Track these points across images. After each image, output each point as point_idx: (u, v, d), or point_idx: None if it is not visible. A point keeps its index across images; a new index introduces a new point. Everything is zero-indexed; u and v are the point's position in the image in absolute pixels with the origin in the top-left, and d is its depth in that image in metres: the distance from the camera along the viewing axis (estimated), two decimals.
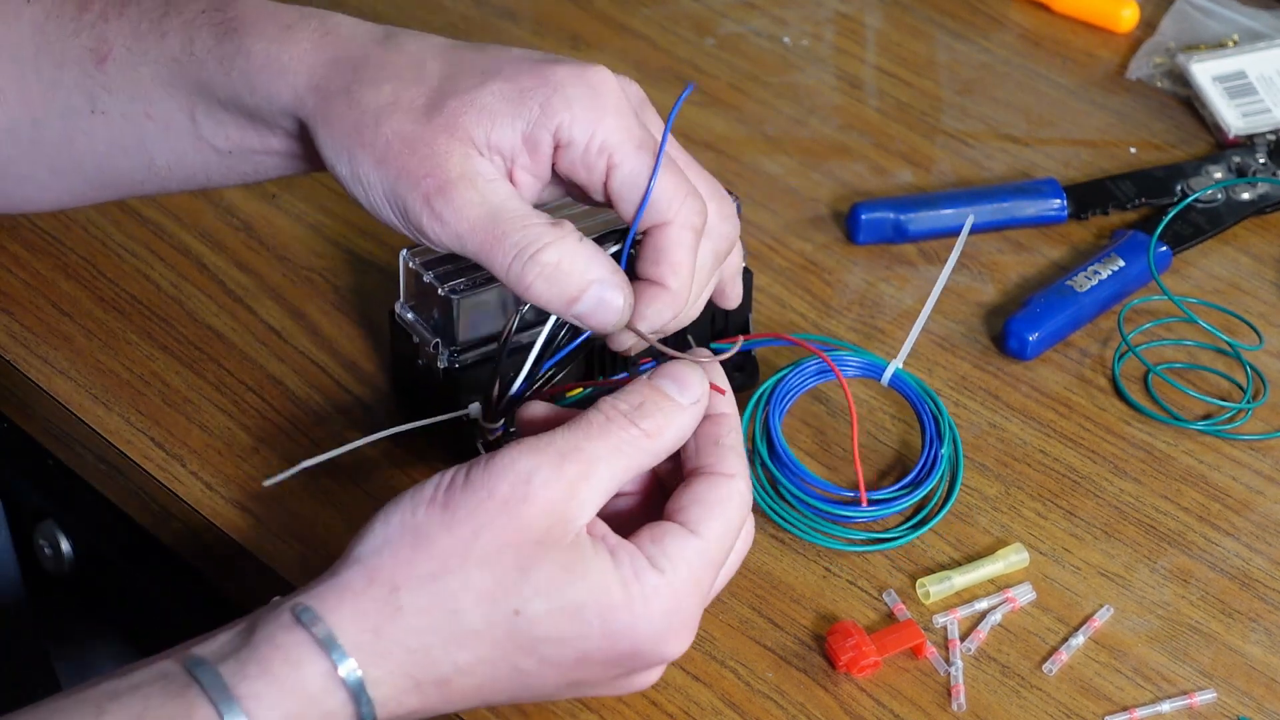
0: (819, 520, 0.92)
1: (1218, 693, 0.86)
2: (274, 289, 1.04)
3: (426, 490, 0.74)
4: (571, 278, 0.77)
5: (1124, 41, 1.25)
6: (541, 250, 0.77)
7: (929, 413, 0.94)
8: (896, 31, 1.26)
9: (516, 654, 0.74)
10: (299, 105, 0.82)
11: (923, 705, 0.85)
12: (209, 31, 0.85)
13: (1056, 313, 1.02)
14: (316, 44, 0.82)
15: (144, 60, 0.86)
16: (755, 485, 0.92)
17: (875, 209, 1.09)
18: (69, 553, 1.09)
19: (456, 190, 0.78)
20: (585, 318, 0.78)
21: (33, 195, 0.93)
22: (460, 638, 0.73)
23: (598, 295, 0.78)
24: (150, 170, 0.89)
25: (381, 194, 0.79)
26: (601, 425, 0.76)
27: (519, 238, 0.77)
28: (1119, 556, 0.92)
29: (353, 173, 0.80)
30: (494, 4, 1.26)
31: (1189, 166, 1.13)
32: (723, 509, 0.77)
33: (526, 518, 0.73)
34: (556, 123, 0.79)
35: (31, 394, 0.99)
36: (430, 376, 0.92)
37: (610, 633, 0.74)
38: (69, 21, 0.88)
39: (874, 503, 0.92)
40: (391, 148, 0.79)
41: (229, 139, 0.86)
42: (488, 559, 0.73)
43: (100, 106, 0.88)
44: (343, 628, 0.72)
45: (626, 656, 0.75)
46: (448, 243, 0.79)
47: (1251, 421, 0.99)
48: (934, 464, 0.93)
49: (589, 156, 0.79)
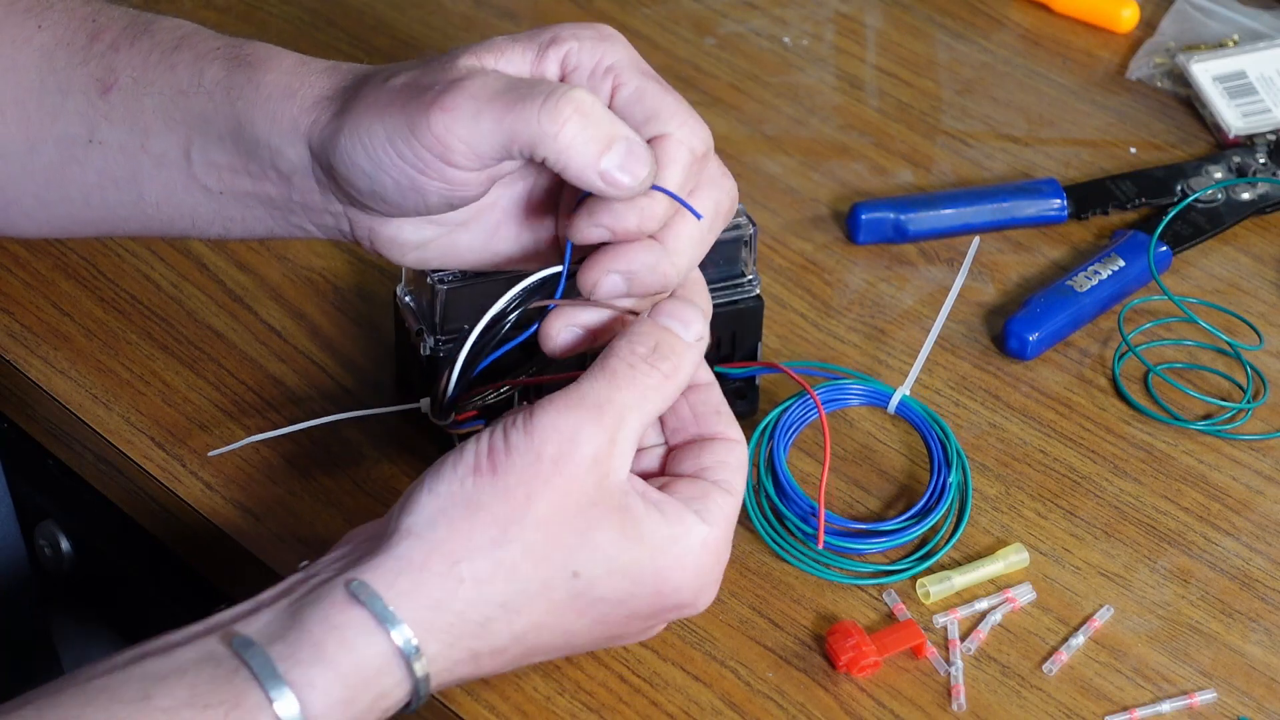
0: (826, 554, 0.91)
1: (1218, 693, 0.86)
2: (274, 289, 1.04)
3: (468, 458, 0.74)
4: (603, 122, 0.77)
5: (1124, 41, 1.25)
6: (572, 90, 0.76)
7: (936, 440, 0.94)
8: (896, 31, 1.26)
9: (570, 615, 0.74)
10: (303, 117, 0.82)
11: (923, 705, 0.85)
12: (221, 64, 0.85)
13: (1056, 313, 1.02)
14: (327, 75, 0.83)
15: (148, 92, 0.86)
16: (759, 517, 0.92)
17: (875, 209, 1.09)
18: (69, 553, 1.09)
19: (467, 81, 0.77)
20: (612, 172, 0.76)
21: (17, 221, 0.92)
22: (520, 604, 0.73)
23: (628, 146, 0.77)
24: (137, 207, 0.89)
25: (384, 133, 0.78)
26: (627, 374, 0.76)
27: (546, 85, 0.77)
28: (1119, 556, 0.92)
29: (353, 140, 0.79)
30: (494, 4, 1.26)
31: (1189, 166, 1.13)
32: (740, 470, 0.79)
33: (577, 476, 0.73)
34: (565, 50, 0.80)
35: (31, 394, 0.99)
36: (416, 363, 0.93)
37: (660, 590, 0.75)
38: (79, 50, 0.88)
39: (880, 534, 0.91)
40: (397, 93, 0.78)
41: (220, 179, 0.86)
42: (545, 522, 0.73)
43: (98, 136, 0.88)
44: (401, 604, 0.71)
45: (668, 609, 0.77)
46: (463, 134, 0.76)
47: (1251, 421, 0.99)
48: (942, 493, 0.93)
49: (595, 79, 0.80)
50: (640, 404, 0.75)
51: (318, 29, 1.23)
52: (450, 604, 0.72)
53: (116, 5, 0.90)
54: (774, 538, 0.91)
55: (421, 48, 1.22)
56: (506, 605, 0.73)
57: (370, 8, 1.25)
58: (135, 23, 0.88)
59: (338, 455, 0.95)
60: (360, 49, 1.22)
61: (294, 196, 0.84)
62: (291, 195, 0.84)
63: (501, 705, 0.85)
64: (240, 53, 0.85)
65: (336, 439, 0.96)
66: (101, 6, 0.89)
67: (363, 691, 0.70)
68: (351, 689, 0.70)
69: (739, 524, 0.91)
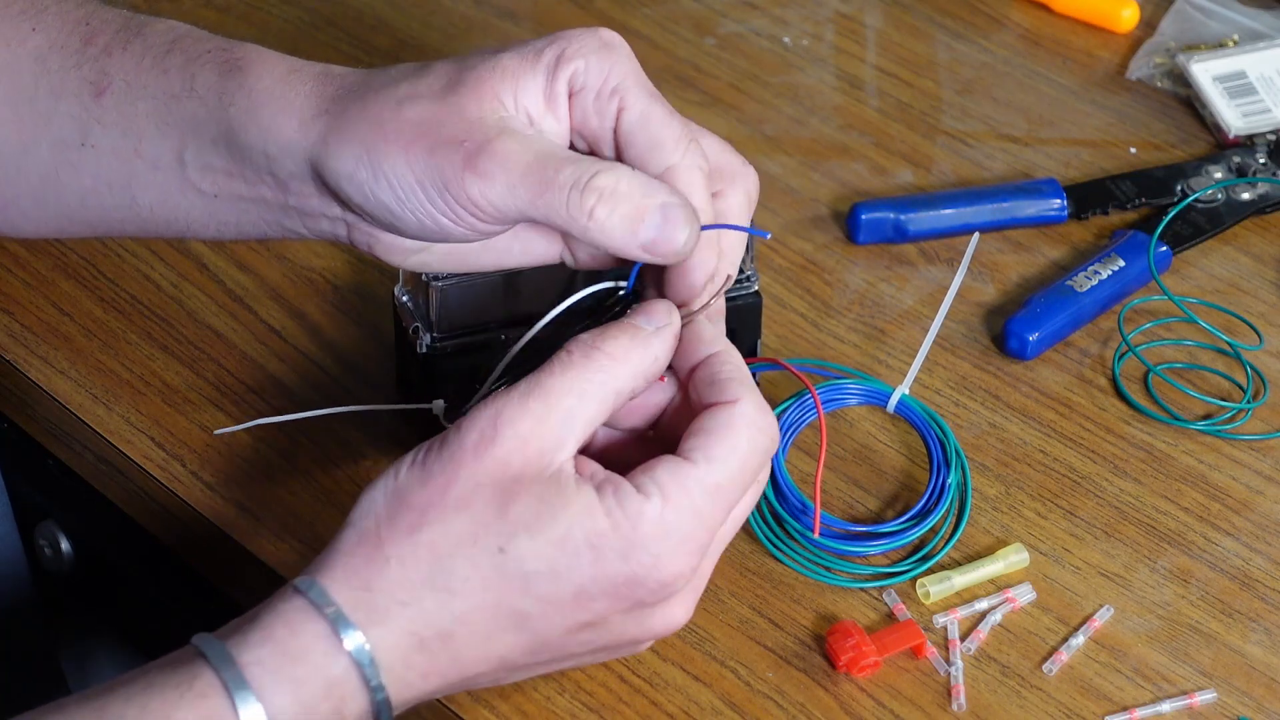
0: (825, 556, 0.91)
1: (1218, 693, 0.86)
2: (274, 289, 1.04)
3: (408, 457, 0.75)
4: (632, 198, 0.77)
5: (1124, 41, 1.25)
6: (597, 175, 0.77)
7: (935, 439, 0.94)
8: (896, 31, 1.26)
9: (512, 595, 0.73)
10: (303, 135, 0.81)
11: (923, 705, 0.85)
12: (213, 69, 0.85)
13: (1056, 313, 1.02)
14: (319, 84, 0.82)
15: (142, 95, 0.86)
16: (757, 519, 0.92)
17: (875, 209, 1.09)
18: (69, 553, 1.09)
19: (498, 144, 0.77)
20: (654, 245, 0.77)
21: (15, 221, 0.93)
22: (450, 585, 0.73)
23: (662, 215, 0.77)
24: (132, 210, 0.89)
25: (414, 179, 0.78)
26: (563, 360, 0.75)
27: (571, 170, 0.77)
28: (1119, 556, 0.92)
29: (375, 172, 0.79)
30: (494, 4, 1.26)
31: (1189, 166, 1.13)
32: (725, 434, 0.75)
33: (498, 456, 0.73)
34: (571, 69, 0.79)
35: (31, 394, 0.99)
36: (414, 360, 0.93)
37: (600, 559, 0.73)
38: (73, 54, 0.88)
39: (879, 536, 0.91)
40: (420, 129, 0.78)
41: (215, 183, 0.86)
42: (463, 501, 0.73)
43: (91, 140, 0.88)
44: (335, 588, 0.72)
45: (625, 586, 0.74)
46: (496, 201, 0.77)
47: (1251, 421, 0.99)
48: (941, 493, 0.92)
49: (601, 100, 0.79)
50: (579, 387, 0.75)
51: (318, 29, 1.23)
52: (379, 584, 0.73)
53: (110, 7, 0.90)
54: (772, 540, 0.91)
55: (421, 48, 1.22)
56: (436, 584, 0.73)
57: (370, 8, 1.25)
58: (128, 25, 0.88)
59: (337, 455, 0.95)
60: (360, 49, 1.22)
61: (290, 201, 0.84)
62: (288, 200, 0.84)
63: (502, 705, 0.85)
64: (232, 57, 0.85)
65: (335, 439, 0.96)
66: (95, 9, 0.89)
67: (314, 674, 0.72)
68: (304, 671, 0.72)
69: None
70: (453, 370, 0.92)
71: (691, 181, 0.79)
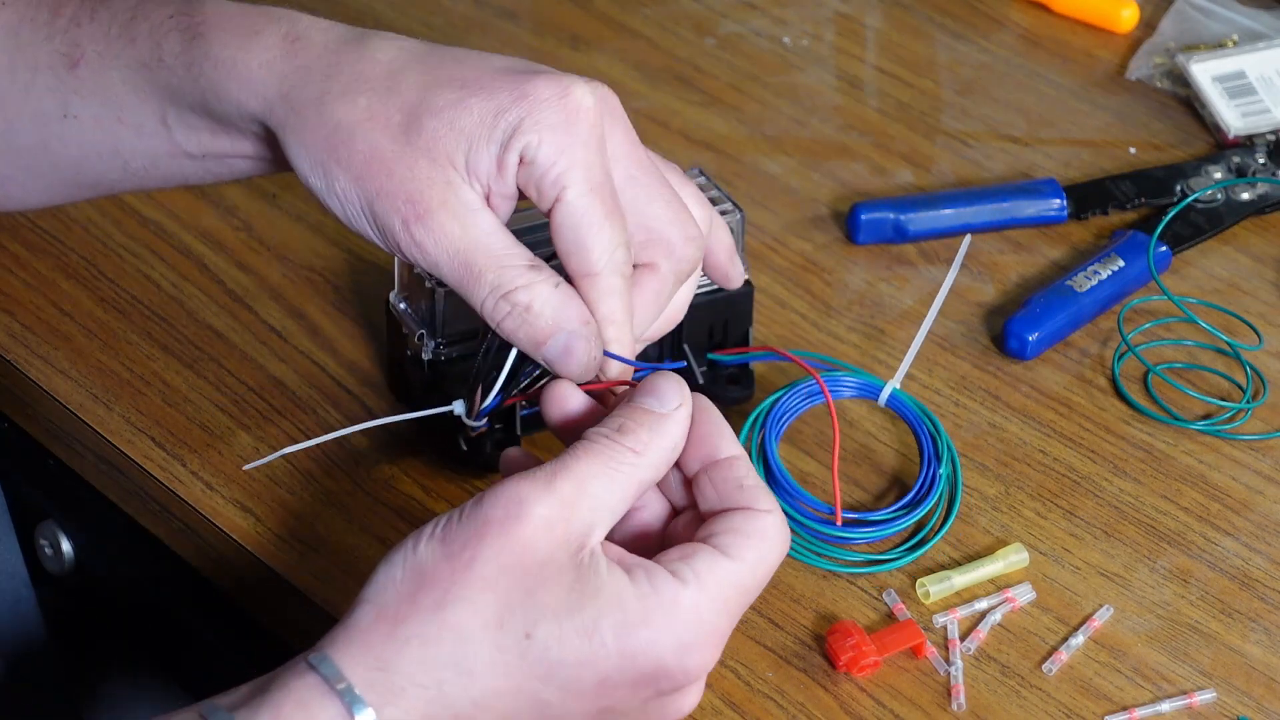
0: (815, 542, 0.91)
1: (1217, 692, 0.86)
2: (274, 289, 1.04)
3: (426, 530, 0.73)
4: (540, 321, 0.78)
5: (1124, 41, 1.25)
6: (514, 291, 0.78)
7: (927, 433, 0.94)
8: (896, 31, 1.26)
9: (534, 682, 0.71)
10: (268, 114, 0.81)
11: (923, 705, 0.85)
12: (176, 36, 0.84)
13: (1056, 313, 1.02)
14: (285, 51, 0.81)
15: (114, 65, 0.86)
16: None
17: (875, 209, 1.09)
18: (69, 553, 1.09)
19: (436, 219, 0.78)
20: (552, 363, 0.78)
21: (12, 194, 0.93)
22: (473, 668, 0.71)
23: (564, 343, 0.78)
24: (125, 172, 0.89)
25: (359, 209, 0.79)
26: (587, 447, 0.74)
27: (494, 276, 0.78)
28: (1119, 556, 0.92)
29: (328, 186, 0.80)
30: (494, 4, 1.26)
31: (1189, 166, 1.13)
32: (760, 539, 0.74)
33: (525, 538, 0.71)
34: (525, 142, 0.78)
35: (31, 394, 0.99)
36: (417, 368, 0.93)
37: (627, 651, 0.71)
38: (42, 26, 0.88)
39: (869, 524, 0.91)
40: (370, 167, 0.78)
41: (200, 144, 0.86)
42: (491, 582, 0.71)
43: (72, 111, 0.87)
44: (350, 666, 0.70)
45: (650, 676, 0.72)
46: (426, 268, 0.79)
47: (1251, 421, 0.99)
48: (932, 485, 0.93)
49: (544, 182, 0.78)
50: (606, 473, 0.73)
51: None
52: (397, 664, 0.70)
53: None
54: None
55: None
56: (458, 666, 0.71)
57: (370, 8, 1.25)
58: None
59: (337, 456, 0.95)
60: None
61: (276, 155, 0.84)
62: (274, 155, 0.85)
63: None
64: (192, 21, 0.84)
65: (335, 440, 0.96)
66: None
67: None
68: None
69: None
70: (458, 375, 0.92)
71: (610, 289, 0.79)
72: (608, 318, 0.79)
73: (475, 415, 0.84)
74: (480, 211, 0.79)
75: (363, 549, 0.91)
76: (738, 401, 0.97)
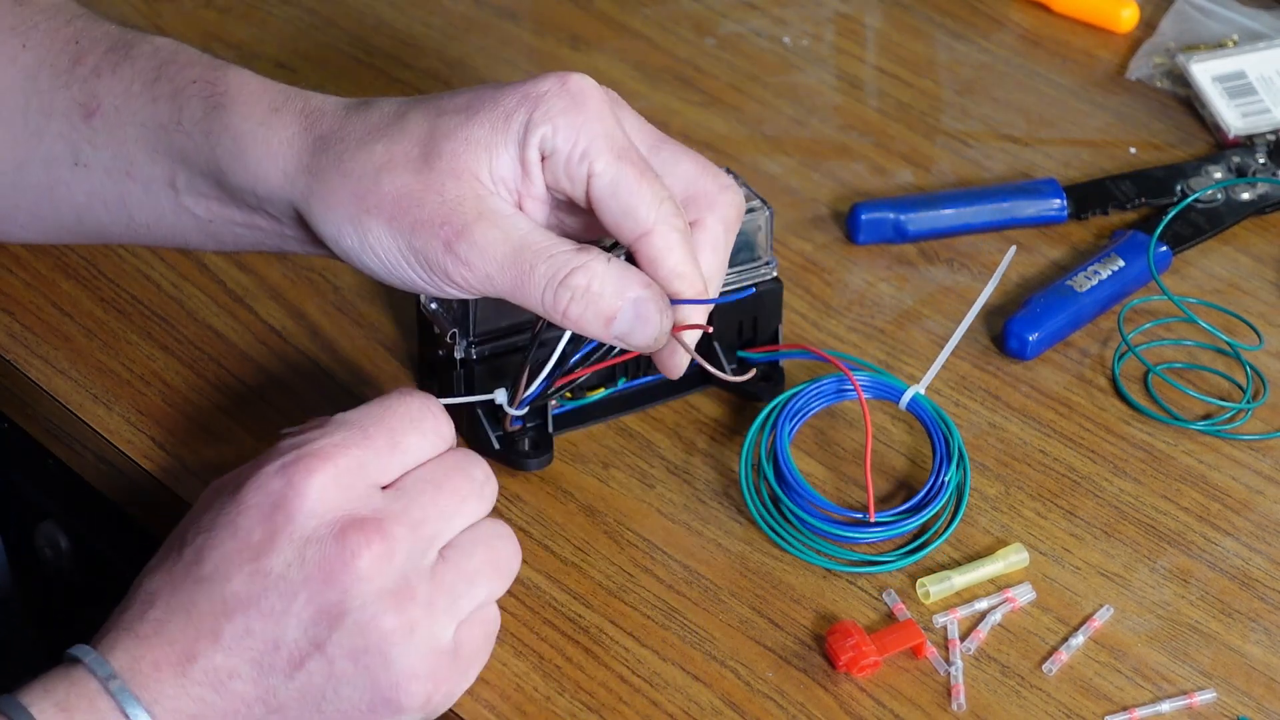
0: (818, 540, 0.91)
1: (1218, 693, 0.86)
2: (274, 289, 1.04)
3: None
4: (604, 298, 0.78)
5: (1124, 41, 1.25)
6: (570, 274, 0.78)
7: (941, 436, 0.94)
8: (896, 31, 1.26)
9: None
10: (290, 188, 0.82)
11: (923, 705, 0.85)
12: (198, 104, 0.85)
13: (1056, 313, 1.02)
14: (303, 126, 0.82)
15: (131, 121, 0.86)
16: (756, 503, 0.92)
17: (875, 209, 1.09)
18: (69, 553, 1.09)
19: (477, 231, 0.78)
20: (625, 337, 0.79)
21: (13, 232, 0.94)
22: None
23: (633, 312, 0.79)
24: (129, 225, 0.90)
25: (398, 253, 0.80)
26: None
27: (546, 267, 0.78)
28: (1119, 556, 0.92)
29: (361, 242, 0.81)
30: (494, 4, 1.26)
31: (1189, 166, 1.13)
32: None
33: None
34: (540, 134, 0.79)
35: (31, 394, 0.99)
36: (449, 367, 0.93)
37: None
38: (62, 73, 0.88)
39: (876, 524, 0.91)
40: (400, 205, 0.79)
41: (209, 209, 0.87)
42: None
43: (83, 160, 0.88)
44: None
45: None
46: (477, 285, 0.79)
47: (1251, 421, 0.99)
48: (940, 489, 0.92)
49: (570, 165, 0.79)
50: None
51: (318, 29, 1.23)
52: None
53: (100, 22, 0.90)
54: (770, 524, 0.91)
55: (421, 47, 1.22)
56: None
57: (370, 8, 1.25)
58: (117, 46, 0.88)
59: None
60: (360, 49, 1.22)
61: (286, 233, 0.86)
62: (284, 232, 0.86)
63: (501, 705, 0.85)
64: (215, 90, 0.84)
65: None
66: (85, 26, 0.89)
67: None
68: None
69: (737, 517, 0.92)
70: (491, 373, 0.92)
71: (669, 244, 0.80)
72: (674, 270, 0.80)
73: (517, 404, 0.87)
74: (516, 215, 0.80)
75: None
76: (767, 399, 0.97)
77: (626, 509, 0.93)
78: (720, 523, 0.93)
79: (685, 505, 0.94)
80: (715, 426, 0.97)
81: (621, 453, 0.96)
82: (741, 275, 0.96)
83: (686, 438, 0.97)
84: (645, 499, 0.94)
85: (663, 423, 0.97)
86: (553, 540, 0.92)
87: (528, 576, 0.90)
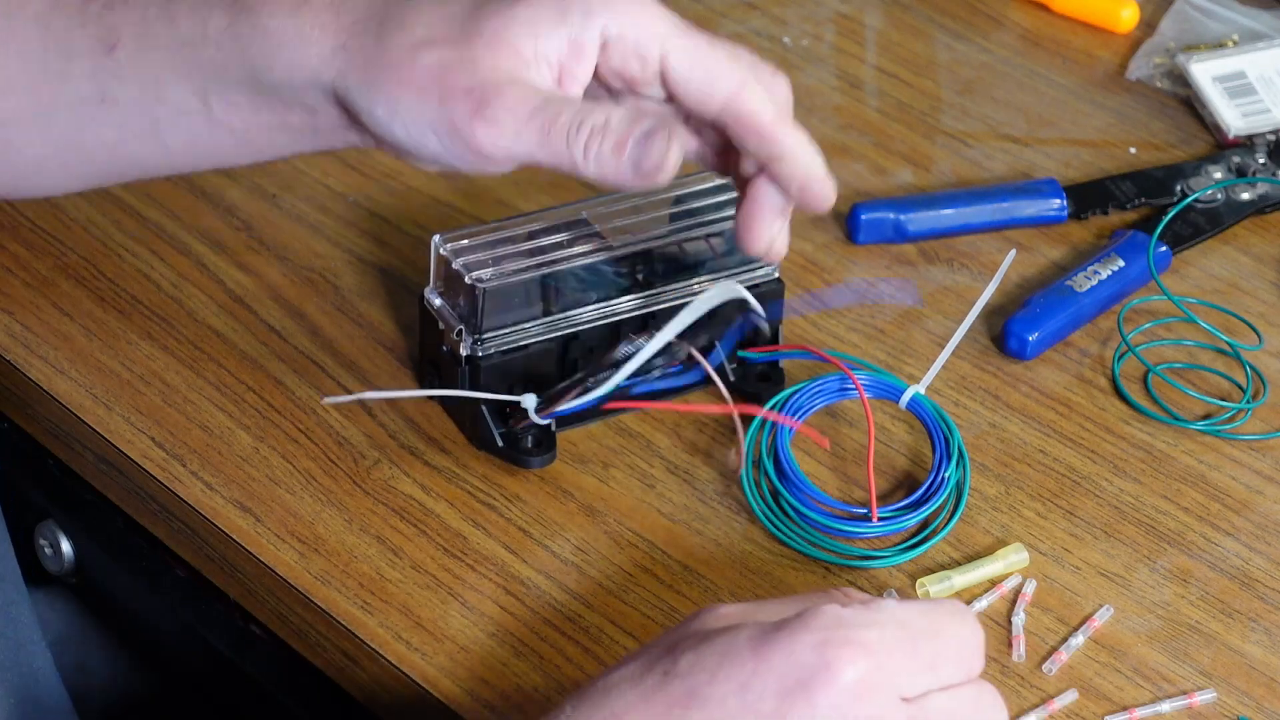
0: (818, 535, 0.91)
1: (1218, 693, 0.86)
2: (274, 289, 1.04)
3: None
4: (619, 129, 0.80)
5: (1124, 41, 1.25)
6: (591, 113, 0.80)
7: (941, 435, 0.94)
8: (896, 31, 1.26)
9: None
10: (325, 68, 0.83)
11: None
12: (221, 13, 0.85)
13: (1056, 313, 1.02)
14: (335, 12, 0.83)
15: (154, 46, 0.87)
16: (756, 496, 0.92)
17: (875, 209, 1.09)
18: (69, 553, 1.09)
19: (506, 91, 0.80)
20: (640, 163, 0.80)
21: (42, 183, 0.94)
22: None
23: (645, 134, 0.80)
24: (164, 153, 0.90)
25: (426, 123, 0.81)
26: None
27: (569, 116, 0.80)
28: (1119, 556, 0.92)
29: (391, 111, 0.81)
30: None
31: (1189, 166, 1.13)
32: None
33: None
34: (602, 23, 0.81)
35: (31, 394, 0.99)
36: (453, 363, 0.93)
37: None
38: (75, 13, 0.88)
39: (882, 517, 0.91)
40: (432, 74, 0.80)
41: (243, 119, 0.87)
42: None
43: (111, 95, 0.88)
44: None
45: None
46: (504, 145, 0.80)
47: (1251, 421, 0.99)
48: (940, 486, 0.93)
49: (641, 49, 0.82)
50: None
51: None
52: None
53: None
54: (770, 517, 0.91)
55: None
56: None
57: None
58: None
59: (337, 456, 0.95)
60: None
61: (320, 125, 0.86)
62: (318, 124, 0.86)
63: (501, 705, 0.85)
64: None
65: (335, 439, 0.96)
66: None
67: None
68: None
69: (737, 517, 0.92)
70: (494, 369, 0.92)
71: (758, 98, 0.83)
72: (772, 125, 0.84)
73: (547, 415, 0.89)
74: (549, 85, 0.81)
75: (362, 549, 0.91)
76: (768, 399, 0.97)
77: (626, 509, 0.93)
78: (720, 523, 0.93)
79: (685, 505, 0.94)
80: (715, 426, 0.97)
81: (621, 452, 0.96)
82: (745, 276, 0.96)
83: (686, 437, 0.97)
84: (645, 499, 0.94)
85: (663, 422, 0.97)
86: (553, 540, 0.92)
87: (528, 576, 0.90)
